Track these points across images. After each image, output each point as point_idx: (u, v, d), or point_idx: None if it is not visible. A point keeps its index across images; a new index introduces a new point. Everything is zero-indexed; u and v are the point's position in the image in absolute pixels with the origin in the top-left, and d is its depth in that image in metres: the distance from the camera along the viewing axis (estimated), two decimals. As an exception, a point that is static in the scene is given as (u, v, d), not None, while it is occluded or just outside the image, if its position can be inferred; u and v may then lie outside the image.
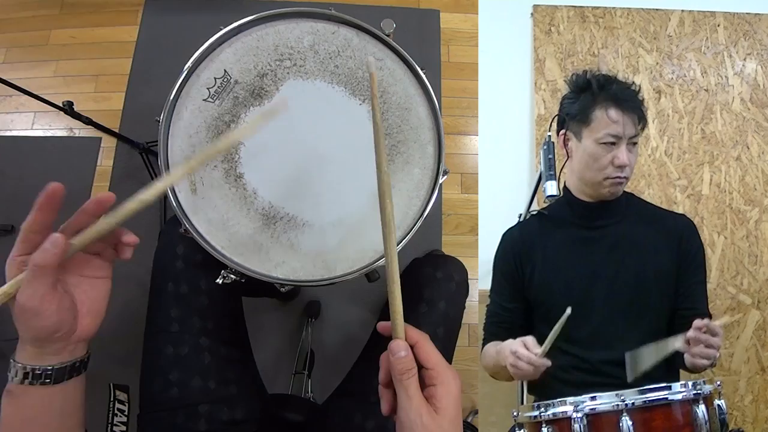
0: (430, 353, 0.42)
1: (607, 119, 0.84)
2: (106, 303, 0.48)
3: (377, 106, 0.45)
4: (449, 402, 0.41)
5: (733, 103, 1.57)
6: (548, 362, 0.73)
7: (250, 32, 0.70)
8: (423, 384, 0.42)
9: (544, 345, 0.73)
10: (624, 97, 0.84)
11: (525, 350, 0.74)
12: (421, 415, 0.39)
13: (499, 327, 0.97)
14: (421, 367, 0.42)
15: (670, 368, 0.91)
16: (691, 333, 0.72)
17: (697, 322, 0.71)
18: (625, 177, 0.86)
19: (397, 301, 0.44)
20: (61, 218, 0.42)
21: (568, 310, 0.68)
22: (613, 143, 0.84)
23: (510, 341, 0.81)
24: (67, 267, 0.45)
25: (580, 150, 0.89)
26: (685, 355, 0.74)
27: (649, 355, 0.74)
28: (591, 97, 0.86)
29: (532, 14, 1.66)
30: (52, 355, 0.44)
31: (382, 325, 0.46)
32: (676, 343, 0.74)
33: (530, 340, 0.76)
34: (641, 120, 0.86)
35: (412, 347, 0.43)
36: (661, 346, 0.75)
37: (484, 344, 0.99)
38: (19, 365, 0.43)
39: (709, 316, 0.89)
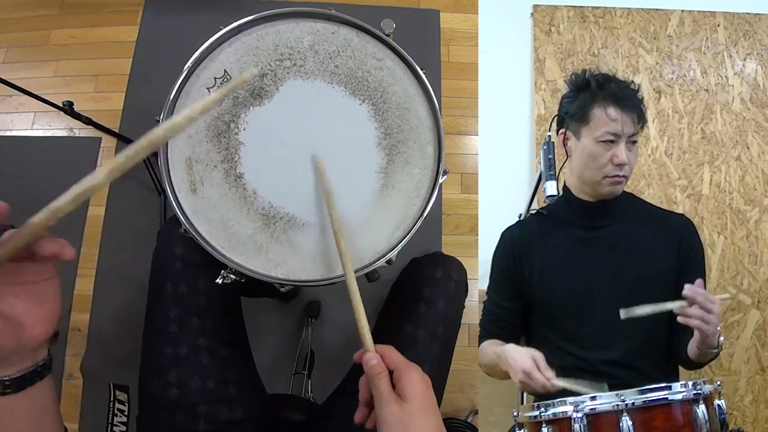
0: (393, 357, 0.50)
1: (606, 117, 0.84)
2: (57, 304, 0.46)
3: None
4: (414, 389, 0.47)
5: (733, 103, 1.57)
6: (560, 385, 0.73)
7: (250, 32, 0.70)
8: (394, 385, 0.49)
9: (563, 382, 0.74)
10: (623, 96, 0.84)
11: (539, 374, 0.74)
12: (390, 404, 0.46)
13: (496, 325, 0.97)
14: (390, 372, 0.49)
15: (670, 368, 0.91)
16: (688, 291, 0.72)
17: (694, 288, 0.72)
18: (624, 176, 0.86)
19: (362, 322, 0.53)
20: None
21: (605, 388, 0.72)
22: (612, 141, 0.84)
23: (513, 349, 0.80)
24: None
25: (579, 149, 0.89)
26: (681, 318, 0.74)
27: (645, 308, 0.76)
28: (590, 95, 0.86)
29: (532, 14, 1.66)
30: (9, 367, 0.43)
31: (357, 356, 0.52)
32: (674, 303, 0.74)
33: (541, 361, 0.76)
34: (640, 119, 0.86)
35: (381, 356, 0.51)
36: (658, 304, 0.75)
37: (480, 340, 0.99)
38: None
39: None
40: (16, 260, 0.41)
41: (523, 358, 0.76)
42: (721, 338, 0.75)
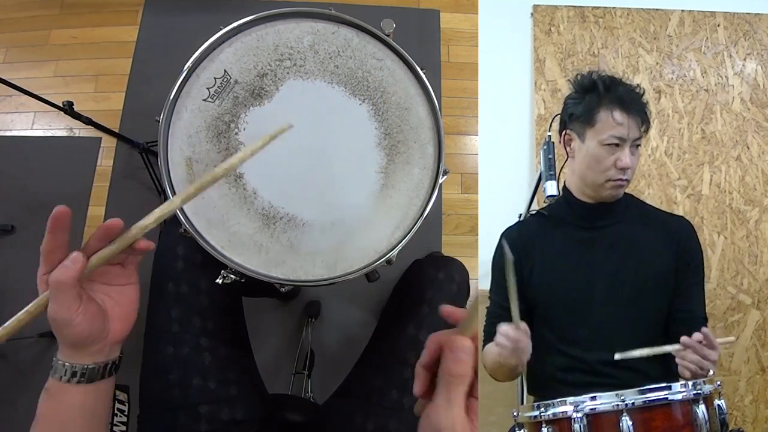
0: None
1: (612, 121, 0.84)
2: (135, 306, 0.52)
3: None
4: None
5: (733, 103, 1.57)
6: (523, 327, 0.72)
7: (250, 32, 0.70)
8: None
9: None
10: (629, 100, 0.85)
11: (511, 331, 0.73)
12: (455, 424, 0.37)
13: (497, 327, 0.97)
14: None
15: (669, 368, 0.91)
16: (686, 339, 0.71)
17: (697, 335, 0.71)
18: (626, 180, 0.86)
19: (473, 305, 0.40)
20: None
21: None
22: (617, 145, 0.84)
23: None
24: (93, 278, 0.49)
25: (582, 151, 0.89)
26: (677, 360, 0.74)
27: (640, 352, 0.75)
28: (596, 98, 0.86)
29: (532, 14, 1.66)
30: (89, 357, 0.48)
31: (447, 310, 0.41)
32: (671, 347, 0.73)
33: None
34: (645, 123, 0.86)
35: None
36: (655, 348, 0.75)
37: (483, 346, 0.99)
38: (60, 362, 0.47)
39: (705, 319, 0.89)
40: (111, 263, 0.49)
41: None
42: (711, 372, 0.74)
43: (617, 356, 0.74)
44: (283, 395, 0.91)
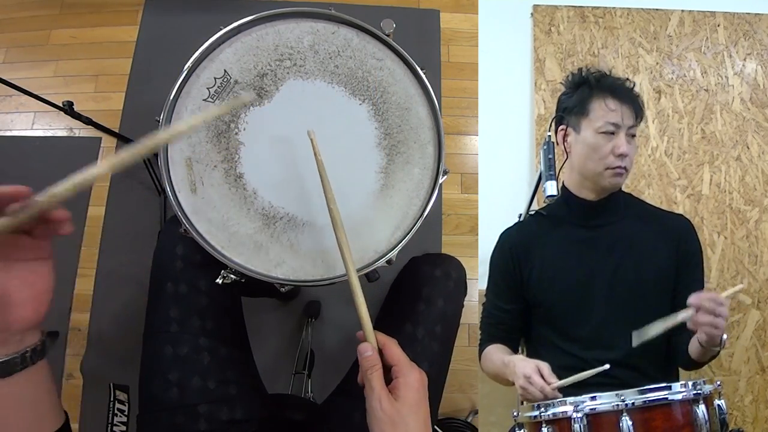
0: (395, 352, 0.51)
1: (606, 108, 0.85)
2: (50, 285, 0.43)
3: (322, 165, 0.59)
4: (408, 392, 0.48)
5: (733, 103, 1.57)
6: (559, 395, 0.73)
7: (250, 32, 0.70)
8: (389, 379, 0.50)
9: (562, 381, 0.73)
10: (620, 88, 0.87)
11: (539, 378, 0.74)
12: (381, 400, 0.47)
13: (497, 328, 0.97)
14: (390, 366, 0.50)
15: (670, 368, 0.91)
16: (695, 299, 0.71)
17: (702, 294, 0.71)
18: (625, 167, 0.87)
19: (363, 311, 0.52)
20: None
21: (606, 366, 0.72)
22: (612, 132, 0.85)
23: (521, 359, 0.80)
24: None
25: (579, 142, 0.90)
26: (690, 324, 0.72)
27: (656, 327, 0.74)
28: (588, 89, 0.88)
29: (532, 14, 1.66)
30: None
31: (360, 334, 0.53)
32: (683, 314, 0.73)
33: (546, 368, 0.76)
34: (638, 111, 0.87)
35: (381, 349, 0.51)
36: (668, 319, 0.74)
37: (481, 344, 0.99)
38: None
39: None
40: (13, 233, 0.40)
41: (527, 366, 0.76)
42: (725, 336, 0.74)
43: (635, 342, 0.74)
44: (282, 395, 0.91)
